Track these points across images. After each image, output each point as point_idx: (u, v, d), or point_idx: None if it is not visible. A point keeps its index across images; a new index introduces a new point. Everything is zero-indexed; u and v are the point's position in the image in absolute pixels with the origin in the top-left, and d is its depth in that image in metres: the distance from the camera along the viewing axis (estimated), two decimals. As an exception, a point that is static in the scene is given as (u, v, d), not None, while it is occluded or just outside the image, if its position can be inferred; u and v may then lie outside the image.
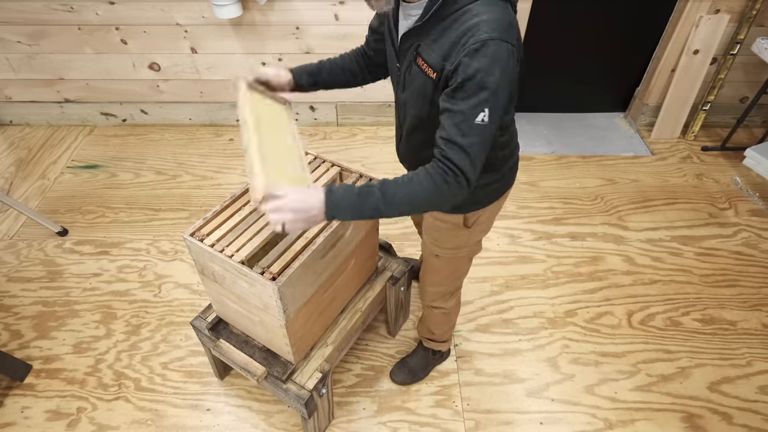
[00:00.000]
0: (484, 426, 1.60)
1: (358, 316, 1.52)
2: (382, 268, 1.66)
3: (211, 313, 1.49)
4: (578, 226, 2.29)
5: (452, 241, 1.28)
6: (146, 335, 1.85)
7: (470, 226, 1.23)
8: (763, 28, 2.48)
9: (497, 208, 1.26)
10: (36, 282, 2.04)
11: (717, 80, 2.61)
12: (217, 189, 2.49)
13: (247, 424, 1.60)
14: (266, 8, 2.43)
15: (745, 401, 1.66)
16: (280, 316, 1.17)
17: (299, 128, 2.90)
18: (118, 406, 1.64)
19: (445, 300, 1.47)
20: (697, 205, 2.40)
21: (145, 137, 2.84)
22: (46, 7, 2.44)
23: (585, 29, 2.63)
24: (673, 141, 2.80)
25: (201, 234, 1.20)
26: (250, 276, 1.12)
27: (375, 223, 1.47)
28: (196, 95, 2.80)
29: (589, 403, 1.66)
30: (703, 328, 1.87)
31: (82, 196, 2.45)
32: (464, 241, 1.28)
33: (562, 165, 2.64)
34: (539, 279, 2.05)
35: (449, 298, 1.47)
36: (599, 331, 1.87)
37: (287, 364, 1.37)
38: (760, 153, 2.33)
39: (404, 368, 1.70)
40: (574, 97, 2.96)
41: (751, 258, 2.14)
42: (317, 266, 1.23)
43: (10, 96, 2.81)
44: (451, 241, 1.28)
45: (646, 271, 2.09)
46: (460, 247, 1.29)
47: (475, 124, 0.89)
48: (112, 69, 2.69)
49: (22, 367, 1.71)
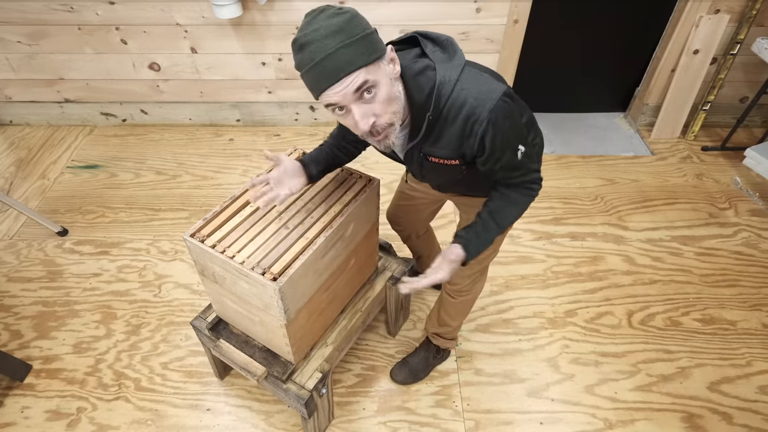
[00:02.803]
0: (484, 426, 1.60)
1: (358, 316, 1.52)
2: (382, 268, 1.66)
3: (211, 313, 1.49)
4: (578, 226, 2.29)
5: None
6: (146, 335, 1.85)
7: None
8: (763, 28, 2.48)
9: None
10: (36, 282, 2.04)
11: (717, 80, 2.61)
12: (217, 189, 2.49)
13: (247, 424, 1.60)
14: (266, 8, 2.43)
15: (745, 401, 1.66)
16: (281, 316, 1.17)
17: (299, 128, 2.91)
18: (118, 406, 1.64)
19: (473, 281, 1.45)
20: (697, 205, 2.40)
21: (145, 137, 2.84)
22: (46, 7, 2.44)
23: (585, 29, 2.63)
24: (673, 141, 2.80)
25: (201, 235, 1.20)
26: (251, 277, 1.12)
27: (375, 223, 1.48)
28: (196, 95, 2.80)
29: (589, 403, 1.66)
30: (703, 328, 1.87)
31: (82, 196, 2.45)
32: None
33: (562, 165, 2.64)
34: (539, 279, 2.05)
35: (478, 280, 1.46)
36: (599, 331, 1.87)
37: (287, 364, 1.37)
38: (760, 153, 2.33)
39: (405, 368, 1.70)
40: (574, 97, 2.96)
41: (751, 258, 2.14)
42: (318, 266, 1.23)
43: (10, 96, 2.81)
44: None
45: (646, 271, 2.09)
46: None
47: (518, 161, 1.04)
48: (112, 69, 2.69)
49: (22, 367, 1.71)
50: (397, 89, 0.92)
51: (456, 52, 0.97)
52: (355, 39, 0.83)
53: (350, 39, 0.82)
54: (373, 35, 0.87)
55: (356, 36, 0.83)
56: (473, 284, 1.46)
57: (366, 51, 0.84)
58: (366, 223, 1.41)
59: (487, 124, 0.94)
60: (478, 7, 2.41)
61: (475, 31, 2.49)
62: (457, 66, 0.94)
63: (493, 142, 0.96)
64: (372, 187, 1.36)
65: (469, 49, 2.55)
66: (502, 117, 0.95)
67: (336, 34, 0.82)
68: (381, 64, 0.88)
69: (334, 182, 1.37)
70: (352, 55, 0.83)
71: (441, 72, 0.94)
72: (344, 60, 0.83)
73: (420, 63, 0.95)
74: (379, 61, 0.87)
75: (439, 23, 2.45)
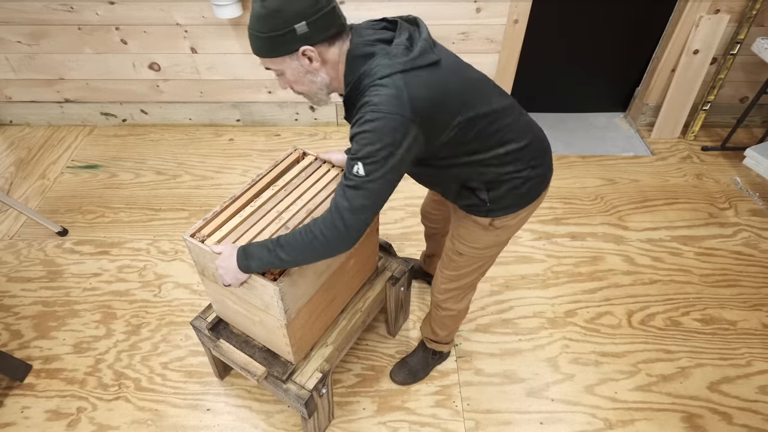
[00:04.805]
0: (484, 426, 1.60)
1: (358, 316, 1.52)
2: (382, 268, 1.66)
3: (211, 313, 1.49)
4: (578, 226, 2.29)
5: (480, 241, 1.27)
6: (146, 335, 1.85)
7: (499, 227, 1.22)
8: (763, 28, 2.48)
9: (530, 212, 1.24)
10: (36, 282, 2.04)
11: (717, 80, 2.61)
12: (217, 189, 2.49)
13: (247, 424, 1.60)
14: (266, 8, 2.43)
15: (745, 401, 1.66)
16: (281, 316, 1.17)
17: (299, 128, 2.91)
18: (118, 406, 1.64)
19: (456, 300, 1.45)
20: (697, 205, 2.40)
21: (145, 137, 2.84)
22: (46, 7, 2.44)
23: (585, 29, 2.62)
24: (673, 141, 2.80)
25: (201, 235, 1.20)
26: (251, 277, 1.12)
27: (375, 223, 1.47)
28: (196, 95, 2.80)
29: (589, 403, 1.66)
30: (703, 328, 1.87)
31: (82, 196, 2.45)
32: (492, 242, 1.27)
33: (562, 165, 2.64)
34: (539, 279, 2.05)
35: (461, 299, 1.45)
36: (599, 331, 1.87)
37: (287, 364, 1.37)
38: (760, 153, 2.33)
39: (404, 368, 1.70)
40: (574, 97, 2.96)
41: (751, 258, 2.14)
42: (318, 266, 1.23)
43: (10, 96, 2.81)
44: (479, 241, 1.27)
45: (646, 271, 2.09)
46: (488, 247, 1.29)
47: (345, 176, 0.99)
48: (112, 69, 2.69)
49: (22, 367, 1.71)
50: (312, 77, 1.03)
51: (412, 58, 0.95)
52: (262, 36, 0.96)
53: (259, 33, 0.96)
54: (282, 37, 0.95)
55: (263, 34, 0.95)
56: (455, 303, 1.45)
57: (270, 48, 0.97)
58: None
59: (363, 119, 0.93)
60: (478, 7, 2.41)
61: (475, 31, 2.49)
62: (393, 66, 0.94)
63: (352, 137, 0.96)
64: (372, 187, 1.36)
65: (469, 49, 2.55)
66: (374, 121, 0.92)
67: (255, 22, 0.96)
68: (287, 59, 0.99)
69: (334, 182, 1.37)
70: (259, 46, 0.98)
71: (375, 63, 0.97)
72: (255, 46, 0.99)
73: (370, 48, 1.00)
74: (285, 57, 0.99)
75: (439, 23, 2.45)
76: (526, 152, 1.14)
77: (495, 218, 1.19)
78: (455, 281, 1.39)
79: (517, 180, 1.14)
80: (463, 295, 1.45)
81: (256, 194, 1.32)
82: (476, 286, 1.45)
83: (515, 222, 1.23)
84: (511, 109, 1.12)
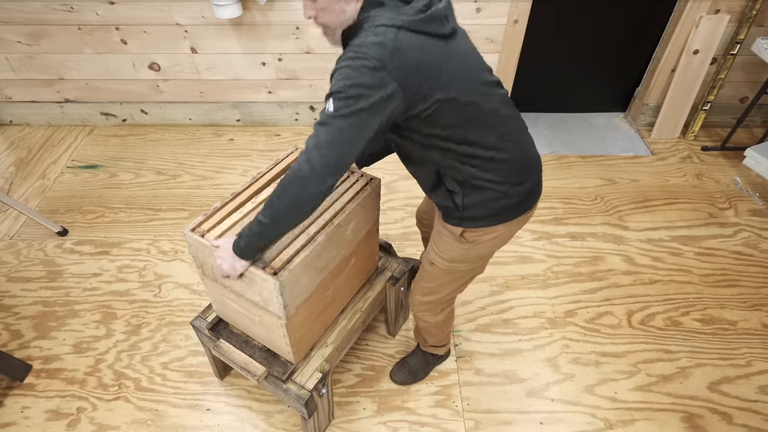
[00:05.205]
0: (484, 426, 1.60)
1: (358, 316, 1.52)
2: (382, 268, 1.66)
3: (211, 313, 1.49)
4: (578, 226, 2.29)
5: (450, 252, 1.24)
6: (146, 335, 1.85)
7: (470, 241, 1.20)
8: (763, 28, 2.48)
9: (504, 234, 1.20)
10: (36, 282, 2.03)
11: (717, 80, 2.61)
12: (217, 189, 2.49)
13: (247, 424, 1.60)
14: (266, 8, 2.43)
15: (745, 401, 1.66)
16: (281, 312, 1.17)
17: (299, 128, 2.91)
18: (118, 406, 1.64)
19: (432, 314, 1.43)
20: (697, 205, 2.40)
21: (145, 137, 2.84)
22: (46, 7, 2.44)
23: (585, 29, 2.63)
24: (673, 141, 2.80)
25: (201, 230, 1.20)
26: (251, 271, 1.12)
27: (375, 222, 1.47)
28: (196, 95, 2.80)
29: (589, 403, 1.66)
30: (703, 328, 1.87)
31: (82, 196, 2.45)
32: (461, 255, 1.24)
33: (562, 165, 2.64)
34: (539, 279, 2.05)
35: (437, 312, 1.43)
36: (599, 331, 1.87)
37: (287, 364, 1.37)
38: (760, 153, 2.33)
39: (404, 368, 1.70)
40: (574, 97, 2.96)
41: (751, 258, 2.14)
42: (318, 264, 1.23)
43: (10, 96, 2.81)
44: (449, 252, 1.24)
45: (646, 271, 2.09)
46: (456, 261, 1.25)
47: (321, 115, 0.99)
48: (112, 69, 2.69)
49: (22, 367, 1.71)
50: (344, 5, 1.02)
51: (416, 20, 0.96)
52: None
53: None
54: None
55: None
56: (432, 316, 1.44)
57: None
58: (366, 222, 1.41)
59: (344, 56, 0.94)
60: (478, 7, 2.41)
61: (475, 31, 2.49)
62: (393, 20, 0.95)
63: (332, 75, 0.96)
64: (373, 185, 1.36)
65: (469, 49, 2.55)
66: (353, 59, 0.92)
67: None
68: None
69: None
70: None
71: (380, 12, 0.99)
72: None
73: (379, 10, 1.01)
74: None
75: (439, 23, 2.45)
76: (508, 165, 1.11)
77: (466, 229, 1.17)
78: (429, 294, 1.38)
79: (493, 192, 1.11)
80: (440, 309, 1.43)
81: (257, 191, 1.32)
82: (452, 302, 1.43)
83: (487, 240, 1.19)
84: (508, 119, 1.10)
